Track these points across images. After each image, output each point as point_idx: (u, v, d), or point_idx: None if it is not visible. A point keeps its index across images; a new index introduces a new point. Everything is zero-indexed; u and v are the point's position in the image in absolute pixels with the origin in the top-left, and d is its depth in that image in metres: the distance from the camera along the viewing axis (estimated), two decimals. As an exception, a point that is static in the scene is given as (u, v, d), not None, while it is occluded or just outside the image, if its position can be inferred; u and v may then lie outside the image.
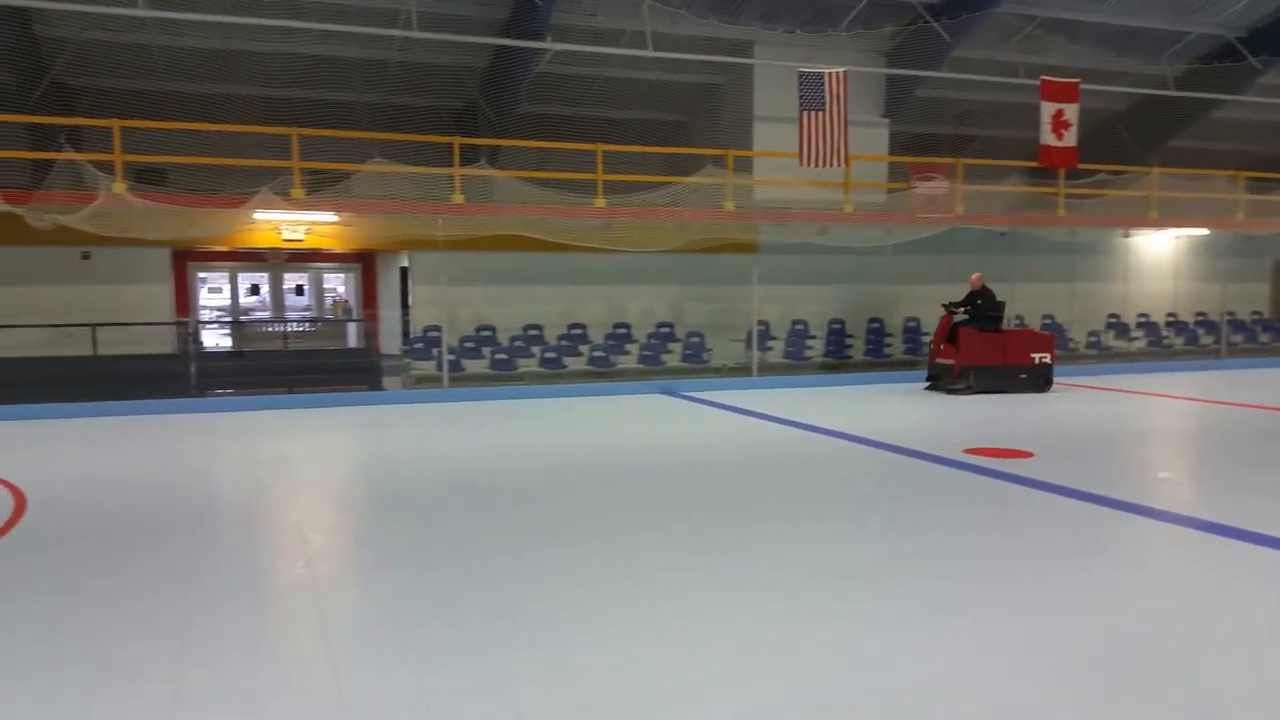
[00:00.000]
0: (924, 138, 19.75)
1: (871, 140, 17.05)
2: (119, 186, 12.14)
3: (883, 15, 16.17)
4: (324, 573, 5.36)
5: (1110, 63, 17.64)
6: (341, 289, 21.27)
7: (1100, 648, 4.12)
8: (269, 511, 7.10)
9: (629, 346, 15.93)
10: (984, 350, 13.55)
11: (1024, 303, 18.07)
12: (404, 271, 19.23)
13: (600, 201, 14.14)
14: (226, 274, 19.91)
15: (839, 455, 9.14)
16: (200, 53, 15.14)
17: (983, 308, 13.89)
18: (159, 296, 14.71)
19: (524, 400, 13.52)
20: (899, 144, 18.50)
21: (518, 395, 13.89)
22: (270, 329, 19.14)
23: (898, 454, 8.97)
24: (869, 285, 17.80)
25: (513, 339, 15.59)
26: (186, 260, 18.12)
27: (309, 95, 16.18)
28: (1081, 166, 15.94)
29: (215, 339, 18.92)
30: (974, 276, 14.14)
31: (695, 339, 16.31)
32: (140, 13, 12.32)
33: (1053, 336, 14.51)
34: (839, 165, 13.96)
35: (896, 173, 17.22)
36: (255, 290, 20.39)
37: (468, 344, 15.24)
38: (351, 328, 19.67)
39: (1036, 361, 13.76)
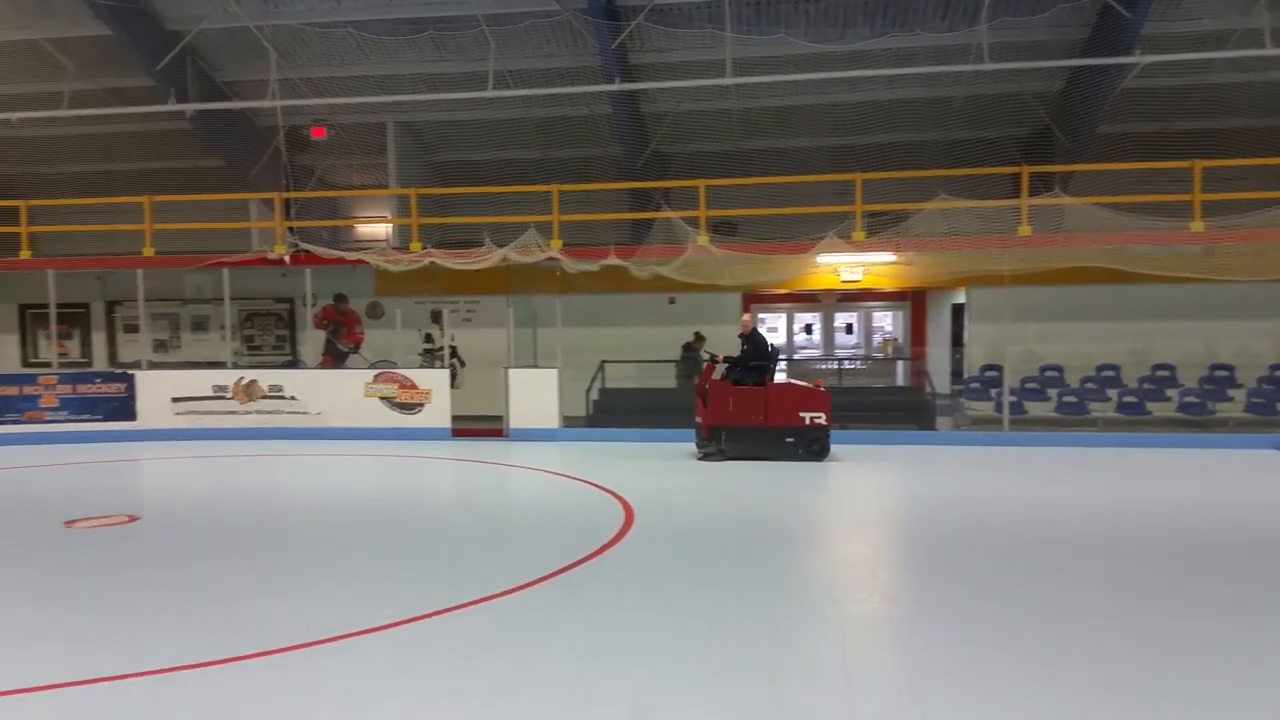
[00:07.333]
0: None
1: None
2: (703, 239, 13.56)
3: None
4: (900, 611, 5.23)
5: None
6: (889, 327, 21.41)
7: None
8: (840, 541, 7.27)
9: (1231, 392, 13.54)
10: (737, 408, 11.11)
11: None
12: (955, 309, 18.73)
13: (1197, 225, 12.28)
14: (783, 314, 21.23)
15: None
16: (772, 111, 16.47)
17: (746, 356, 11.39)
18: (728, 336, 16.13)
19: (1096, 449, 12.15)
20: None
21: (1088, 443, 12.54)
22: (822, 365, 19.92)
23: None
24: None
25: (1083, 380, 14.19)
26: (752, 302, 19.66)
27: (872, 140, 16.64)
28: None
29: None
30: (744, 318, 12.24)
31: (1326, 386, 13.32)
32: (727, 81, 13.73)
33: (828, 394, 11.30)
34: None
35: None
36: (809, 329, 21.43)
37: (1030, 385, 14.22)
38: (899, 365, 19.64)
39: (807, 422, 10.92)
